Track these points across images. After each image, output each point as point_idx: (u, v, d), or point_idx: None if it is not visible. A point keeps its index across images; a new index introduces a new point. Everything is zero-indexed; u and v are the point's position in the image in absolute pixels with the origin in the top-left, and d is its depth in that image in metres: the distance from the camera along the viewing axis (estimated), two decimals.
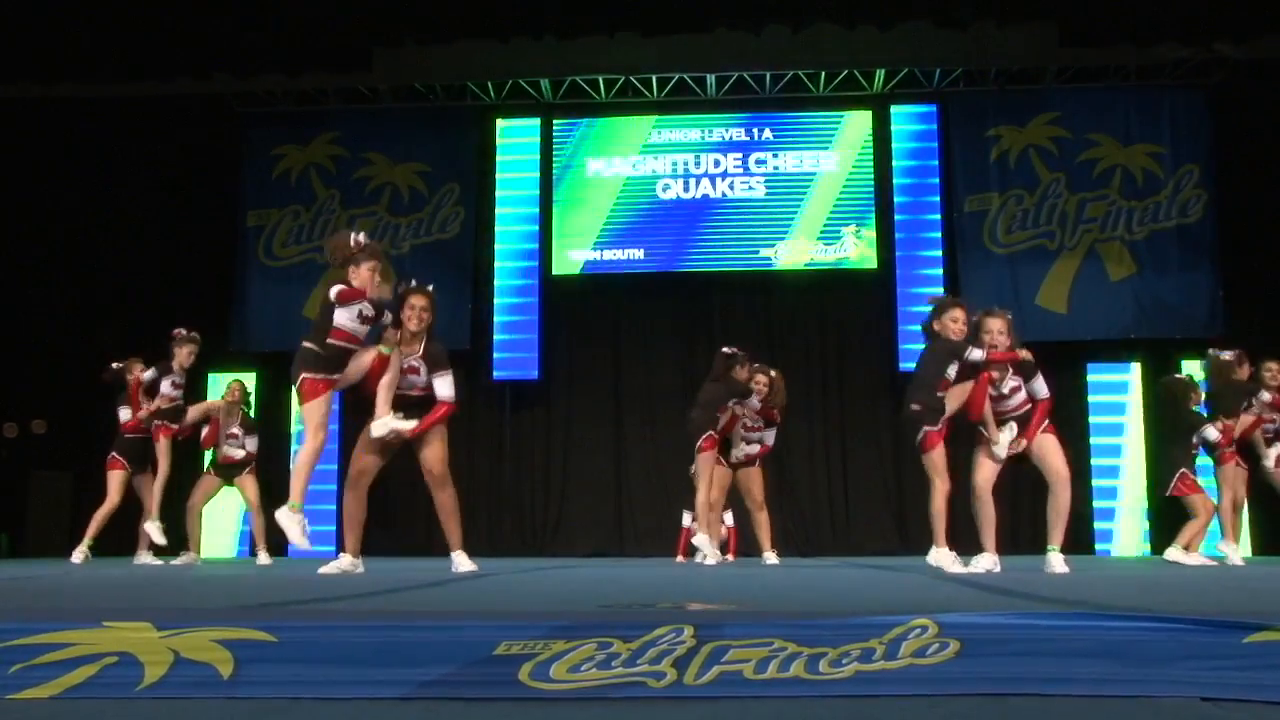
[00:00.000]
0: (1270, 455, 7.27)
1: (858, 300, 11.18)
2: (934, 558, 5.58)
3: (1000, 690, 1.67)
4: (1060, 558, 5.35)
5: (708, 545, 7.47)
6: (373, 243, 5.46)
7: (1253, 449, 7.36)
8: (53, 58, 9.73)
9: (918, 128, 11.19)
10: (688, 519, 8.11)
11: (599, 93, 11.34)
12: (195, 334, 7.80)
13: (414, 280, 5.61)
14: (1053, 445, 5.51)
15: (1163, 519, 9.12)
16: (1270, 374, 7.31)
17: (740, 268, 11.20)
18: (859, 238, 11.07)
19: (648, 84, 11.26)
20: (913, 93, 11.26)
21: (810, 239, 11.09)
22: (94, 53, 9.66)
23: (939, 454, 5.56)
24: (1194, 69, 10.71)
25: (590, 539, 10.85)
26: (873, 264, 11.03)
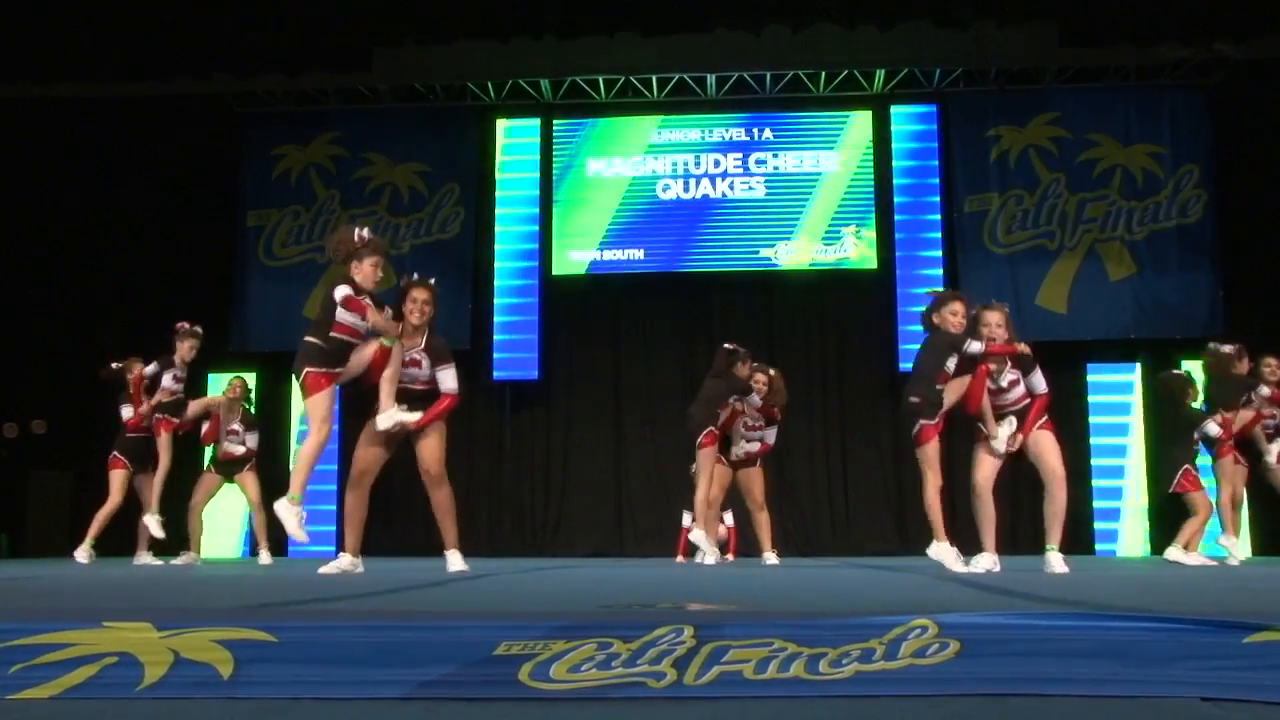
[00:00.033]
0: (1272, 451, 7.26)
1: (858, 300, 11.18)
2: (934, 552, 5.57)
3: (1000, 690, 1.67)
4: (1059, 557, 5.34)
5: (705, 542, 7.46)
6: (376, 238, 5.47)
7: (1252, 446, 7.36)
8: (53, 58, 9.73)
9: (918, 128, 11.20)
10: (688, 519, 8.09)
11: (599, 93, 11.34)
12: (198, 328, 7.81)
13: (415, 274, 5.62)
14: (1049, 443, 5.49)
15: (1164, 518, 9.12)
16: (1270, 369, 7.31)
17: (740, 268, 11.20)
18: (859, 238, 11.07)
19: (648, 84, 11.26)
20: (913, 93, 11.26)
21: (810, 239, 11.09)
22: (94, 53, 9.66)
23: (933, 448, 5.56)
24: (1194, 69, 10.72)
25: (590, 539, 10.85)
26: (873, 264, 11.04)
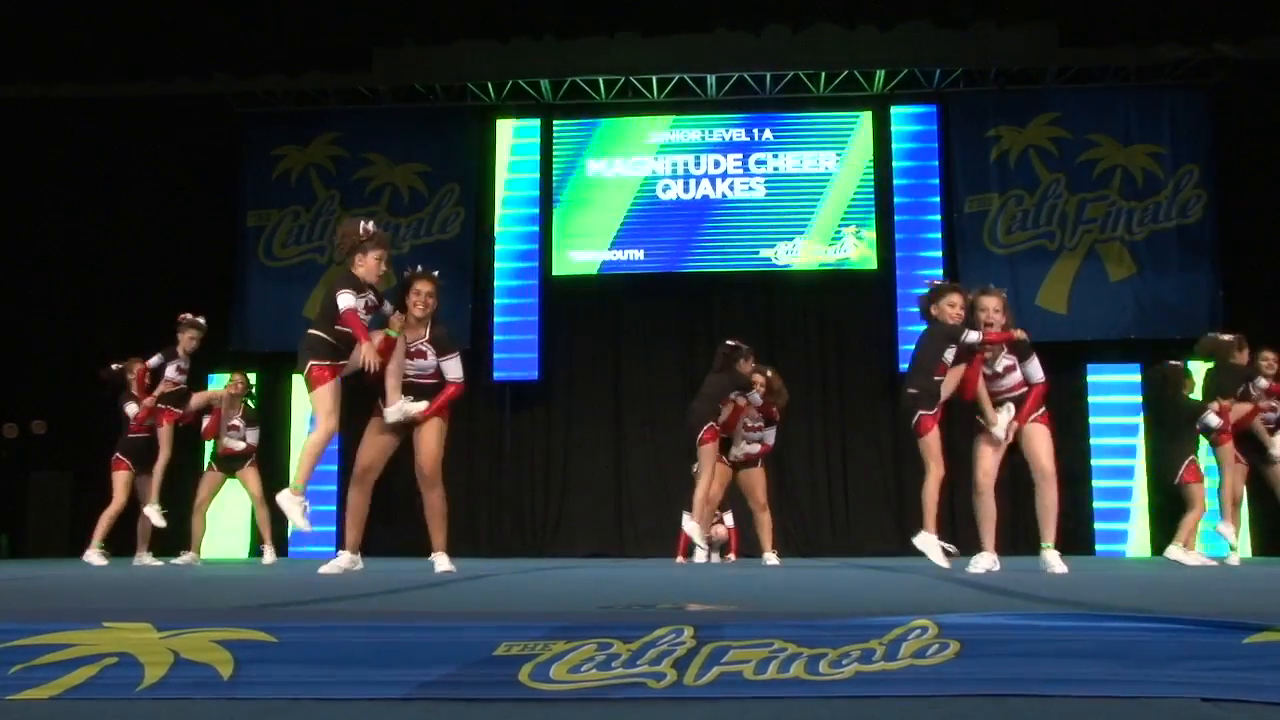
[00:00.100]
0: (1276, 445, 7.24)
1: (858, 300, 11.18)
2: (921, 541, 5.60)
3: (1000, 691, 1.67)
4: (1056, 555, 5.31)
5: (697, 534, 7.47)
6: (381, 232, 5.49)
7: (1252, 442, 7.33)
8: (53, 58, 9.73)
9: (918, 128, 11.19)
10: (687, 520, 8.10)
11: (599, 93, 11.34)
12: (200, 319, 7.79)
13: (419, 266, 5.62)
14: (1042, 438, 5.46)
15: (1164, 516, 9.11)
16: (1267, 363, 7.31)
17: (740, 268, 11.20)
18: (859, 238, 11.07)
19: (648, 84, 11.26)
20: (913, 93, 11.26)
21: (810, 239, 11.09)
22: (94, 53, 9.66)
23: (933, 438, 5.57)
24: (1194, 69, 10.71)
25: (590, 539, 10.85)
26: (873, 264, 11.04)
